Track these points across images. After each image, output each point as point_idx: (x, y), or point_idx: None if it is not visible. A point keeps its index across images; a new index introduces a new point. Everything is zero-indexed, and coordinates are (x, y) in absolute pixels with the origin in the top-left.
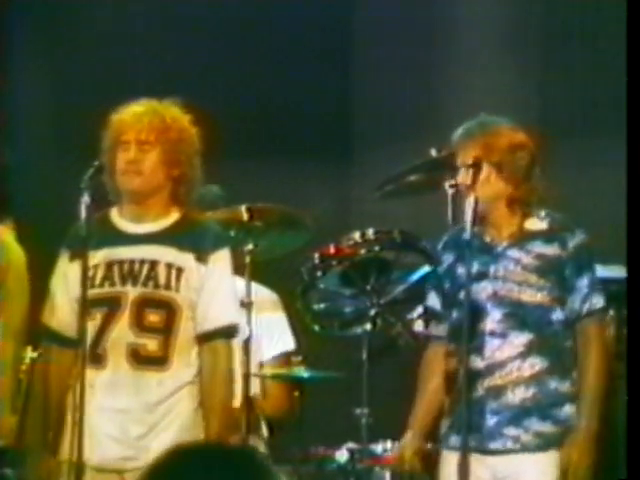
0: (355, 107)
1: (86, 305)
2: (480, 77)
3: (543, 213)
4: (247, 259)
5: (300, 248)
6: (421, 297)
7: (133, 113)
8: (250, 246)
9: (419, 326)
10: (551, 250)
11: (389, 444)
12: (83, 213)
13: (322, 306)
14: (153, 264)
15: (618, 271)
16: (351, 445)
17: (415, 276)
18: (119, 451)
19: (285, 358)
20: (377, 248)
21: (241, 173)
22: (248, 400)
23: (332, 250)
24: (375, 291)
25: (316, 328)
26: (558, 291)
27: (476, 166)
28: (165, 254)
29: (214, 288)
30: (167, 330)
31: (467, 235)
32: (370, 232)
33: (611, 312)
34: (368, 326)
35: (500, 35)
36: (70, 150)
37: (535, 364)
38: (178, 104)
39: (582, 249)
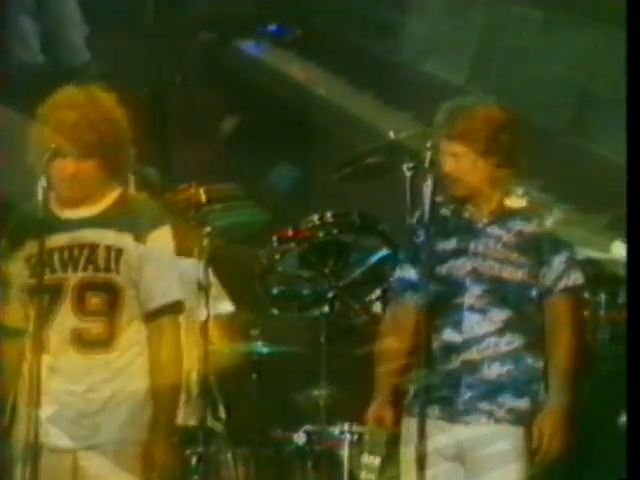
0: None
1: (33, 294)
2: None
3: (521, 191)
4: (205, 241)
5: (259, 231)
6: (380, 279)
7: (68, 120)
8: (208, 228)
9: (377, 308)
10: (530, 228)
11: (347, 426)
12: (40, 196)
13: (281, 289)
14: (93, 248)
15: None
16: (309, 427)
17: (374, 258)
18: (71, 432)
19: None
20: (335, 231)
21: (201, 156)
22: (205, 382)
23: (290, 233)
24: (333, 273)
25: (274, 311)
26: (537, 268)
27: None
28: (104, 237)
29: (155, 266)
30: (110, 312)
31: (426, 219)
32: (328, 215)
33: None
34: (326, 308)
35: None
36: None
37: (512, 341)
38: (103, 88)
39: (559, 226)
